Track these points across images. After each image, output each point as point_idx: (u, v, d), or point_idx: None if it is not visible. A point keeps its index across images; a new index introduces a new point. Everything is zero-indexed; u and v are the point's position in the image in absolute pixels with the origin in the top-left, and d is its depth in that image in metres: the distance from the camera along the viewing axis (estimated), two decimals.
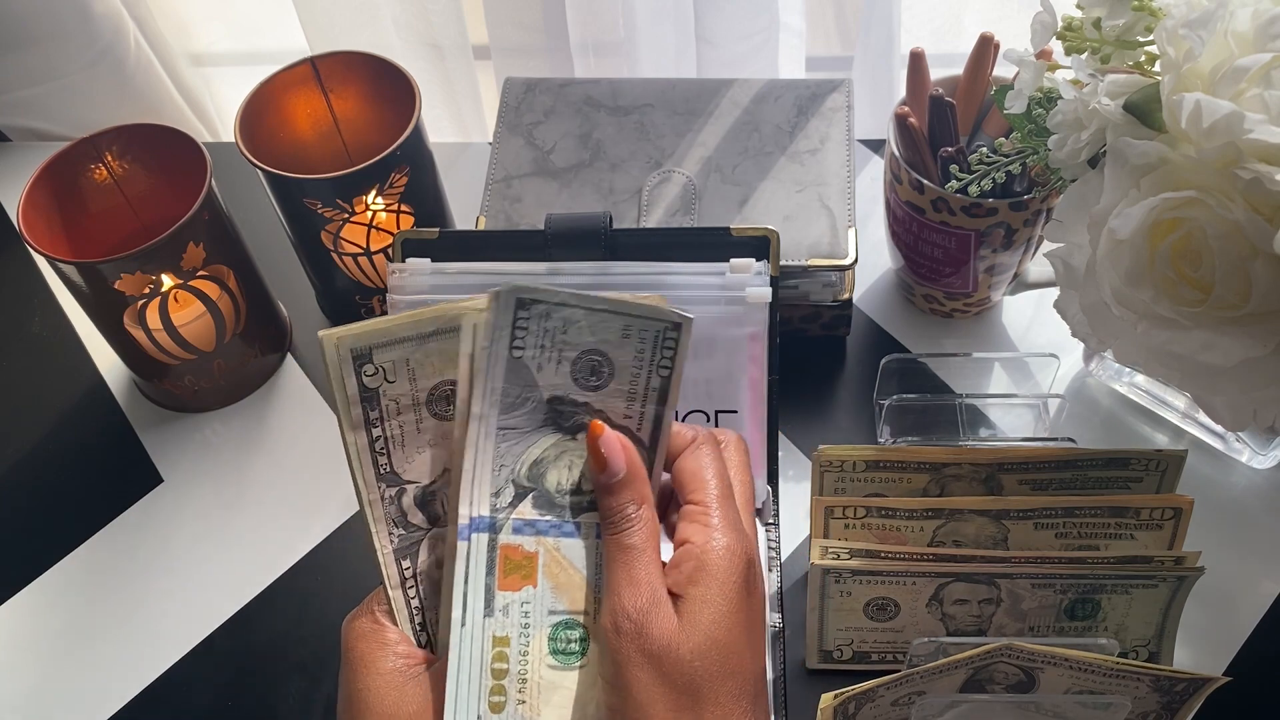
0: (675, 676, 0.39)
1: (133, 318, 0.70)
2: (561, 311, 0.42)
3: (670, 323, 0.42)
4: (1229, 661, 0.63)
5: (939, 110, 0.67)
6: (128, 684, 0.66)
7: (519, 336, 0.42)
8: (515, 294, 0.41)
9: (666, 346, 0.42)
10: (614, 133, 0.76)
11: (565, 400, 0.43)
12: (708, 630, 0.40)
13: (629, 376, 0.43)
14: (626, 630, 0.39)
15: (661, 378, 0.43)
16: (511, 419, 0.42)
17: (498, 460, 0.42)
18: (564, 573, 0.43)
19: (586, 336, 0.42)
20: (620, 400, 0.43)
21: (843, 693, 0.52)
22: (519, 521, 0.43)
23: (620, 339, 0.42)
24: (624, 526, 0.42)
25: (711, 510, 0.42)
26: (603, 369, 0.43)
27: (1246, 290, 0.45)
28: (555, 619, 0.42)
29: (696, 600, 0.40)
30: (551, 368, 0.42)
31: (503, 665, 0.42)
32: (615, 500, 0.42)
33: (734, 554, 0.41)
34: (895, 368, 0.72)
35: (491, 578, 0.42)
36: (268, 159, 0.69)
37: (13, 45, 0.90)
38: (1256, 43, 0.45)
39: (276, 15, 1.08)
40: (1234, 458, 0.69)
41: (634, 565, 0.41)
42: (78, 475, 0.75)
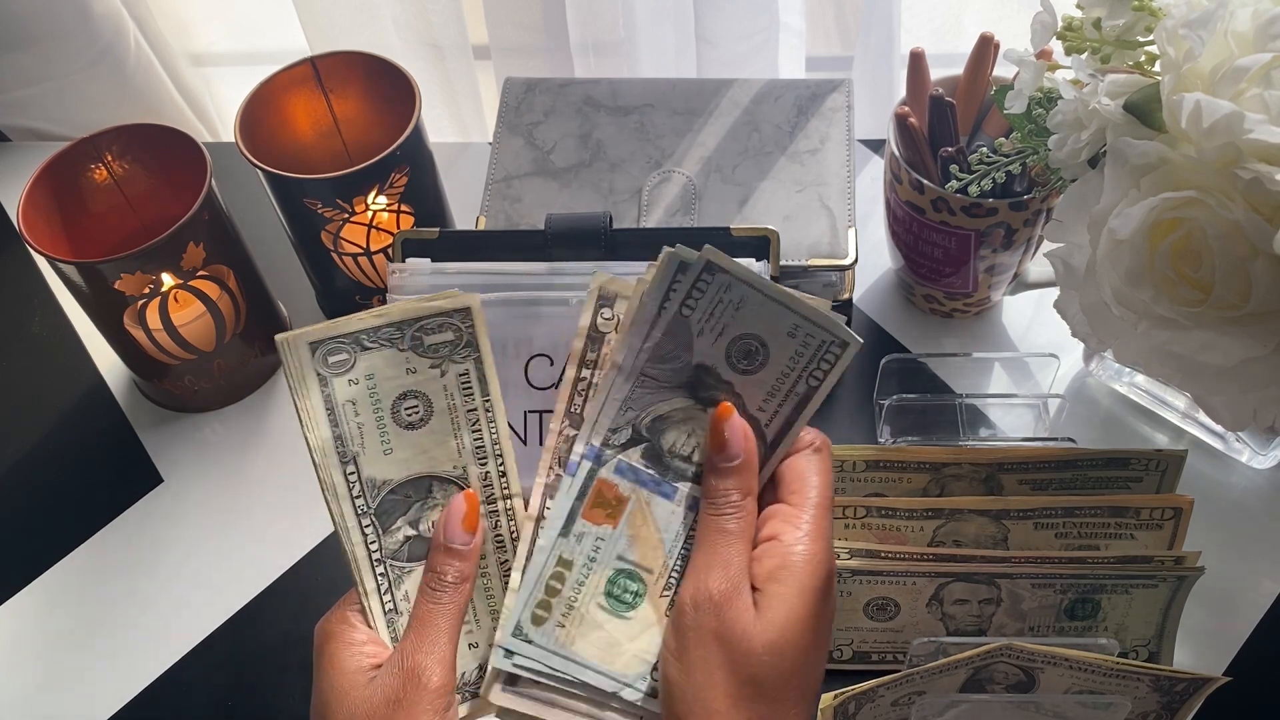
0: (742, 665, 0.39)
1: (133, 318, 0.70)
2: (741, 289, 0.42)
3: (838, 339, 0.43)
4: (1229, 661, 0.63)
5: (939, 110, 0.67)
6: (128, 684, 0.66)
7: (694, 296, 0.42)
8: (706, 256, 0.42)
9: (826, 359, 0.43)
10: (614, 133, 0.76)
11: (711, 372, 0.43)
12: (783, 628, 0.40)
13: (778, 373, 0.43)
14: (705, 609, 0.40)
15: (809, 386, 0.43)
16: (656, 369, 0.43)
17: (627, 401, 0.43)
18: (646, 528, 0.43)
19: (754, 321, 0.43)
20: (761, 392, 0.44)
21: (843, 693, 0.52)
22: (624, 464, 0.44)
23: (786, 335, 0.43)
24: (726, 510, 0.42)
25: (807, 515, 0.42)
26: (757, 356, 0.43)
27: (1246, 290, 0.45)
28: (621, 565, 0.43)
29: (775, 597, 0.40)
30: (710, 337, 0.43)
31: (557, 585, 0.43)
32: (724, 484, 0.43)
33: (818, 562, 0.41)
34: (895, 368, 0.72)
35: (580, 503, 0.43)
36: (268, 159, 0.69)
37: (13, 45, 0.90)
38: (1256, 43, 0.45)
39: (276, 15, 1.08)
40: (1234, 458, 0.69)
41: (728, 549, 0.41)
42: (78, 475, 0.75)
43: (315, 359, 0.43)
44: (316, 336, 0.43)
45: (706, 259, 0.42)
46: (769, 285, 0.42)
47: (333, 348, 0.43)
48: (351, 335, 0.43)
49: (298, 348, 0.43)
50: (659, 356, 0.43)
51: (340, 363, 0.43)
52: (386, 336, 0.44)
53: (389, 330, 0.44)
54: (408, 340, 0.44)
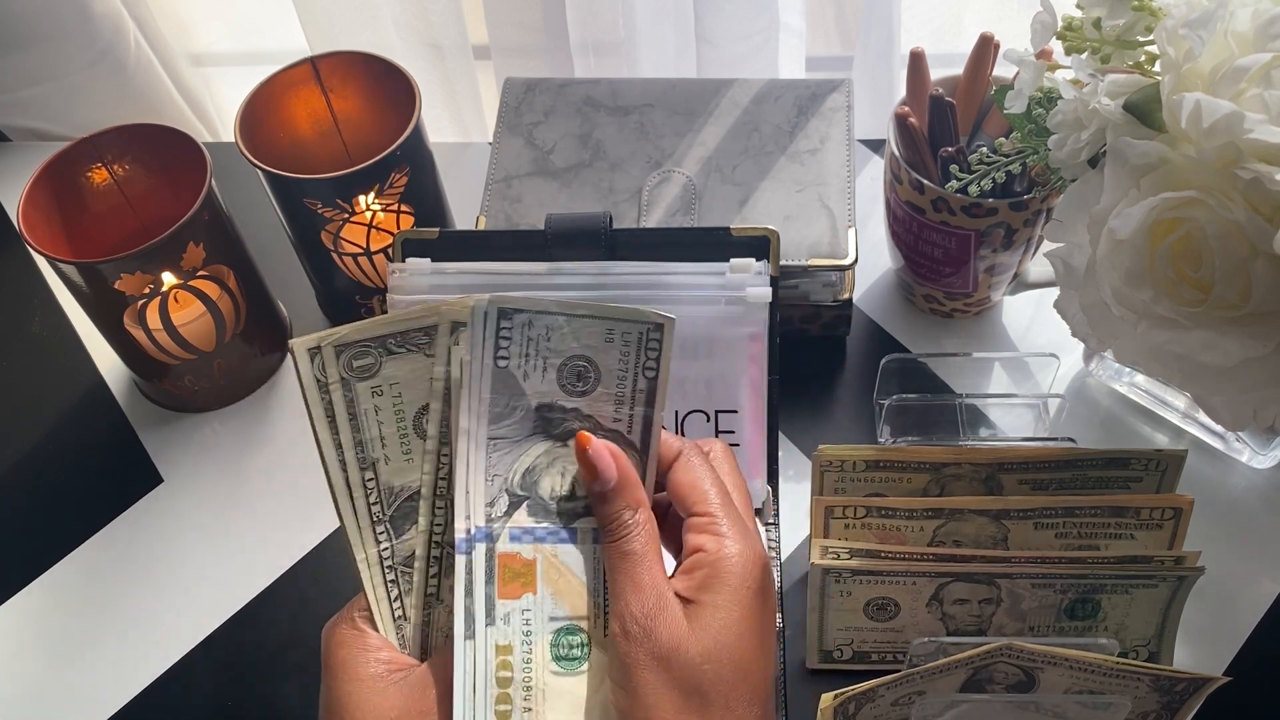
0: (683, 678, 0.39)
1: (133, 318, 0.70)
2: (544, 319, 0.42)
3: (652, 324, 0.42)
4: (1229, 661, 0.63)
5: (939, 110, 0.67)
6: (128, 684, 0.66)
7: (503, 346, 0.42)
8: (496, 304, 0.42)
9: (650, 348, 0.43)
10: (614, 133, 0.76)
11: (554, 407, 0.43)
12: (718, 635, 0.40)
13: (615, 380, 0.43)
14: (634, 634, 0.40)
15: (648, 379, 0.43)
16: (501, 429, 0.43)
17: (490, 471, 0.43)
18: (563, 579, 0.43)
19: (570, 342, 0.42)
20: (609, 404, 0.43)
21: (843, 693, 0.52)
22: (516, 529, 0.43)
23: (604, 343, 0.43)
24: (622, 533, 0.42)
25: (719, 519, 0.42)
26: (588, 374, 0.43)
27: (1246, 290, 0.45)
28: (556, 625, 0.42)
29: (709, 605, 0.40)
30: (538, 376, 0.43)
31: (507, 674, 0.42)
32: (610, 508, 0.42)
33: (747, 560, 0.41)
34: (895, 368, 0.72)
35: (491, 586, 0.42)
36: (268, 159, 0.69)
37: (13, 45, 0.90)
38: (1256, 43, 0.45)
39: (276, 15, 1.08)
40: (1234, 458, 0.69)
41: (637, 570, 0.41)
42: (78, 475, 0.75)
43: (340, 363, 0.43)
44: (343, 340, 0.42)
45: (497, 306, 0.42)
46: (567, 304, 0.42)
47: (359, 351, 0.43)
48: (378, 339, 0.43)
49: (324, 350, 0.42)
50: (497, 416, 0.42)
51: (365, 367, 0.43)
52: (415, 342, 0.43)
53: (417, 335, 0.43)
54: (434, 346, 0.43)
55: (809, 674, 0.63)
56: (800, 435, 0.72)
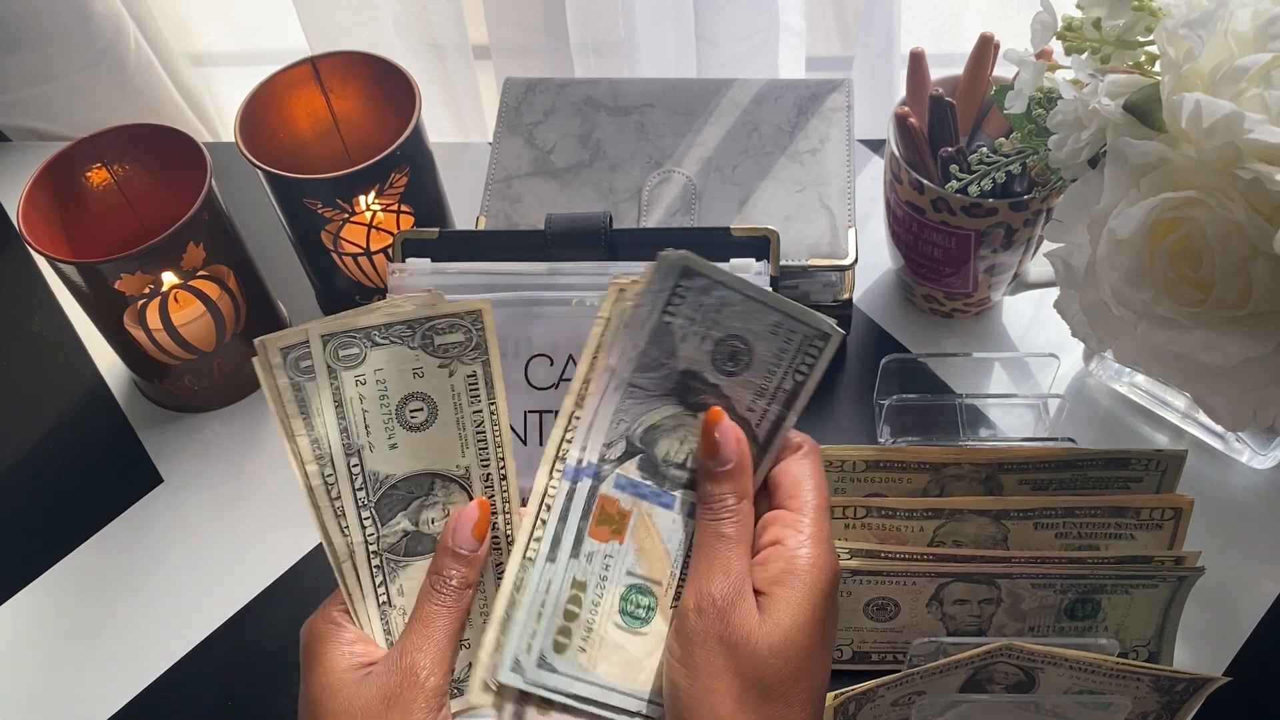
0: (748, 668, 0.39)
1: (133, 318, 0.70)
2: (720, 291, 0.42)
3: (820, 331, 0.43)
4: (1229, 661, 0.63)
5: (939, 110, 0.67)
6: (128, 684, 0.66)
7: (675, 303, 0.42)
8: (682, 261, 0.42)
9: (809, 353, 0.43)
10: (614, 133, 0.76)
11: (698, 377, 0.43)
12: (788, 632, 0.40)
13: (764, 372, 0.43)
14: (709, 614, 0.40)
15: (795, 382, 0.43)
16: (643, 379, 0.43)
17: (619, 414, 0.43)
18: (650, 539, 0.43)
19: (736, 322, 0.43)
20: (749, 393, 0.44)
21: (843, 693, 0.52)
22: (622, 478, 0.43)
23: (768, 333, 0.43)
24: (723, 515, 0.42)
25: (807, 519, 0.43)
26: (742, 357, 0.43)
27: (1246, 290, 0.45)
28: (631, 581, 0.43)
29: (781, 600, 0.41)
30: (695, 342, 0.43)
31: (575, 609, 0.42)
32: (718, 488, 0.43)
33: (823, 565, 0.42)
34: (895, 368, 0.72)
35: (585, 522, 0.43)
36: (268, 159, 0.69)
37: (13, 45, 0.90)
38: (1256, 43, 0.45)
39: (276, 15, 1.08)
40: (1234, 458, 0.69)
41: (727, 554, 0.41)
42: (78, 475, 0.75)
43: (326, 352, 0.43)
44: (329, 329, 0.43)
45: (682, 264, 0.42)
46: (748, 285, 0.42)
47: (344, 341, 0.43)
48: (363, 330, 0.43)
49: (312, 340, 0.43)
50: (645, 365, 0.43)
51: (351, 357, 0.43)
52: (398, 334, 0.44)
53: (401, 328, 0.43)
54: (418, 339, 0.44)
55: None
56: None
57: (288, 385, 0.43)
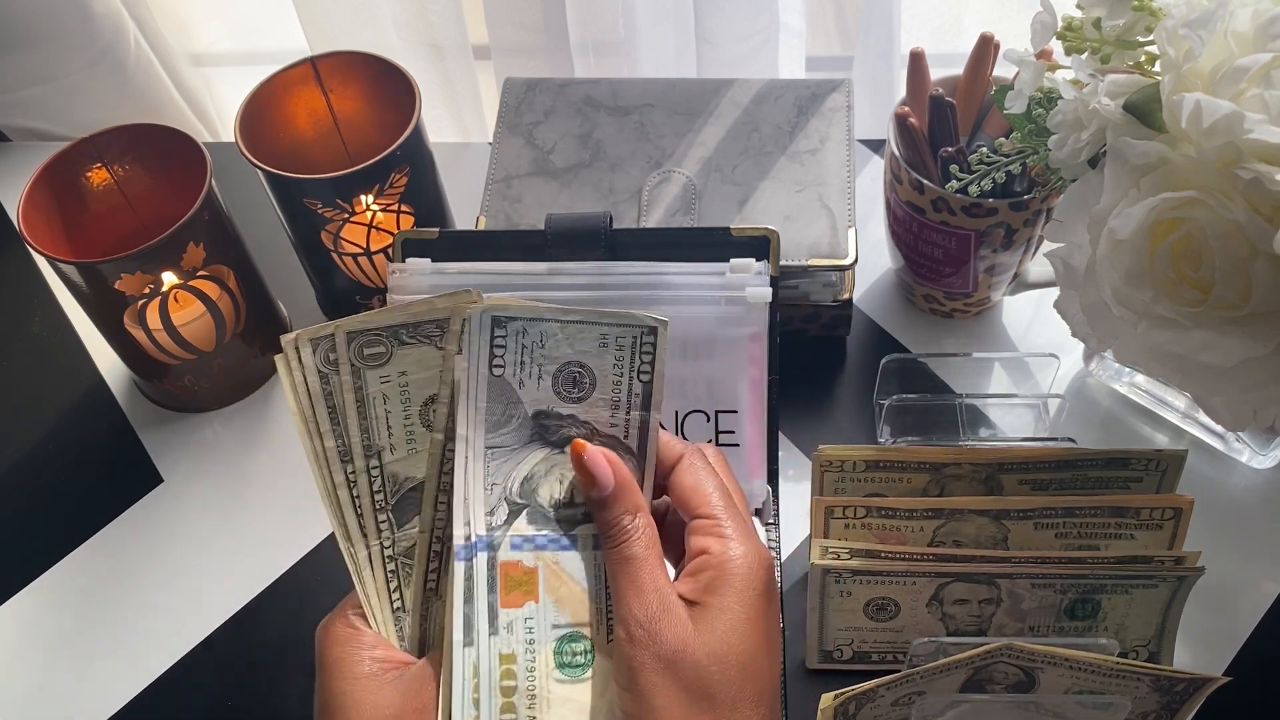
0: (691, 680, 0.39)
1: (133, 318, 0.70)
2: (538, 326, 0.42)
3: (646, 327, 0.42)
4: (1229, 661, 0.63)
5: (939, 110, 0.67)
6: (128, 684, 0.66)
7: (497, 354, 0.42)
8: (489, 313, 0.42)
9: (645, 352, 0.43)
10: (614, 133, 0.76)
11: (550, 414, 0.43)
12: (725, 636, 0.40)
13: (610, 385, 0.43)
14: (639, 637, 0.40)
15: (643, 383, 0.43)
16: (498, 437, 0.43)
17: (488, 479, 0.43)
18: (564, 586, 0.43)
19: (565, 349, 0.43)
20: (605, 409, 0.43)
21: (843, 693, 0.52)
22: (516, 538, 0.43)
23: (598, 348, 0.43)
24: (622, 539, 0.42)
25: (723, 521, 0.42)
26: (584, 379, 0.43)
27: (1246, 290, 0.45)
28: (559, 633, 0.42)
29: (715, 608, 0.40)
30: (533, 383, 0.43)
31: (511, 683, 0.42)
32: (609, 514, 0.42)
33: (752, 562, 0.41)
34: (895, 368, 0.72)
35: (494, 595, 0.42)
36: (268, 159, 0.69)
37: (13, 45, 0.90)
38: (1256, 43, 0.45)
39: (276, 15, 1.08)
40: (1234, 458, 0.69)
41: (638, 574, 0.41)
42: (78, 475, 0.75)
43: (351, 350, 0.43)
44: (355, 327, 0.42)
45: (490, 315, 0.42)
46: (560, 311, 0.42)
47: (370, 339, 0.43)
48: (390, 329, 0.43)
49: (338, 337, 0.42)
50: (494, 424, 0.42)
51: (376, 356, 0.43)
52: (426, 334, 0.43)
53: (429, 327, 0.43)
54: (447, 338, 0.43)
55: (809, 674, 0.63)
56: (800, 435, 0.72)
57: (317, 381, 0.42)
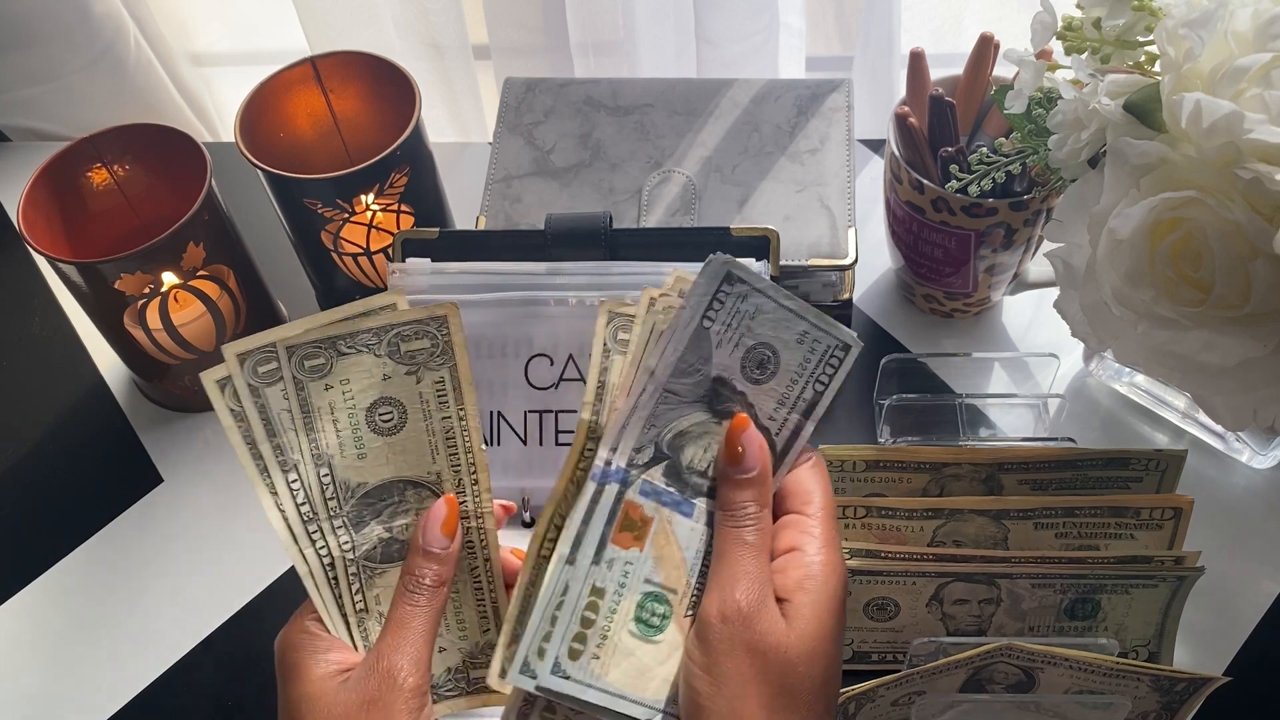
0: (777, 675, 0.39)
1: (133, 318, 0.70)
2: (756, 298, 0.42)
3: (841, 342, 0.43)
4: (1229, 661, 0.63)
5: (939, 110, 0.67)
6: (128, 684, 0.66)
7: (714, 308, 0.42)
8: (726, 266, 0.42)
9: (830, 363, 0.44)
10: (614, 133, 0.76)
11: (727, 384, 0.43)
12: (815, 640, 0.40)
13: (788, 380, 0.44)
14: (734, 621, 0.40)
15: (815, 391, 0.44)
16: (678, 384, 0.43)
17: (652, 419, 0.43)
18: (669, 547, 0.43)
19: (767, 330, 0.43)
20: (771, 401, 0.44)
21: (843, 693, 0.52)
22: (647, 485, 0.43)
23: (795, 342, 0.43)
24: (745, 523, 0.42)
25: (820, 525, 0.43)
26: (769, 365, 0.43)
27: (1246, 290, 0.45)
28: (648, 589, 0.43)
29: (804, 607, 0.40)
30: (728, 349, 0.43)
31: (592, 615, 0.42)
32: (740, 495, 0.42)
33: (838, 570, 0.42)
34: (895, 368, 0.72)
35: (609, 528, 0.42)
36: (268, 159, 0.69)
37: (13, 45, 0.90)
38: (1256, 43, 0.45)
39: (276, 15, 1.08)
40: (1234, 458, 0.69)
41: (749, 561, 0.41)
42: (78, 475, 0.75)
43: (292, 363, 0.43)
44: (293, 341, 0.43)
45: (726, 269, 0.42)
46: (781, 293, 0.42)
47: (310, 352, 0.43)
48: (329, 340, 0.43)
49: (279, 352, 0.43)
50: (681, 370, 0.43)
51: (317, 368, 0.43)
52: (364, 342, 0.43)
53: (366, 336, 0.43)
54: (384, 346, 0.44)
55: None
56: None
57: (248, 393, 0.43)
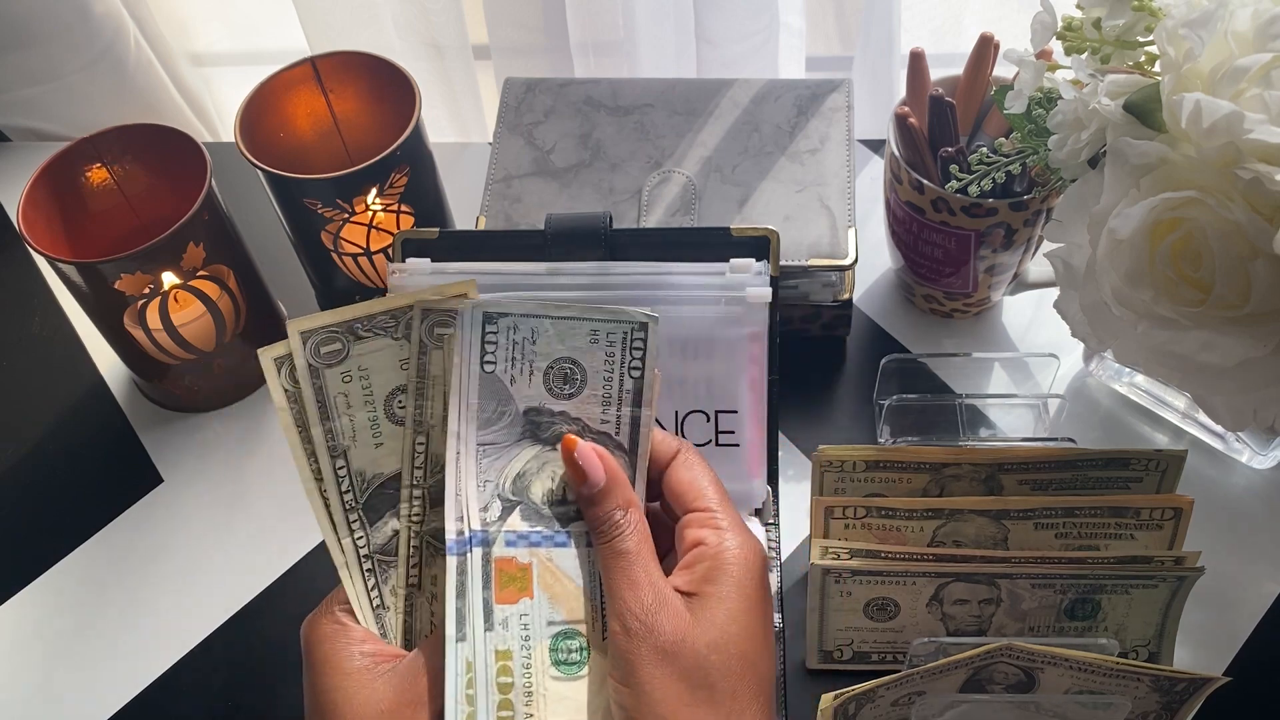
0: (691, 671, 0.39)
1: (133, 318, 0.70)
2: (528, 322, 0.42)
3: (636, 323, 0.43)
4: (1229, 661, 0.63)
5: (939, 110, 0.67)
6: (128, 684, 0.66)
7: (489, 350, 0.42)
8: (481, 308, 0.42)
9: (635, 348, 0.43)
10: (614, 133, 0.76)
11: (541, 410, 0.43)
12: (724, 626, 0.40)
13: (601, 381, 0.43)
14: (636, 630, 0.40)
15: (634, 379, 0.43)
16: (490, 434, 0.43)
17: (481, 476, 0.43)
18: (559, 583, 0.43)
19: (556, 345, 0.43)
20: (596, 406, 0.43)
21: (843, 693, 0.52)
22: (511, 534, 0.43)
23: (589, 345, 0.43)
24: (614, 534, 0.42)
25: (718, 513, 0.42)
26: (575, 376, 0.43)
27: (1246, 290, 0.45)
28: (554, 629, 0.42)
29: (712, 597, 0.40)
30: (525, 380, 0.43)
31: (508, 679, 0.42)
32: (600, 509, 0.42)
33: (749, 553, 0.41)
34: (895, 368, 0.72)
35: (489, 591, 0.42)
36: (268, 159, 0.69)
37: (13, 45, 0.90)
38: (1256, 43, 0.45)
39: (276, 15, 1.08)
40: (1234, 458, 0.69)
41: (632, 568, 0.41)
42: (78, 475, 0.75)
43: (307, 349, 0.42)
44: (309, 325, 0.42)
45: (482, 310, 0.42)
46: (551, 306, 0.42)
47: (326, 337, 0.43)
48: (345, 324, 0.43)
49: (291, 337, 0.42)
50: (486, 421, 0.42)
51: (333, 353, 0.43)
52: (381, 325, 0.43)
53: (383, 318, 0.43)
54: (401, 329, 0.43)
55: (809, 674, 0.63)
56: (800, 435, 0.72)
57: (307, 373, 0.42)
